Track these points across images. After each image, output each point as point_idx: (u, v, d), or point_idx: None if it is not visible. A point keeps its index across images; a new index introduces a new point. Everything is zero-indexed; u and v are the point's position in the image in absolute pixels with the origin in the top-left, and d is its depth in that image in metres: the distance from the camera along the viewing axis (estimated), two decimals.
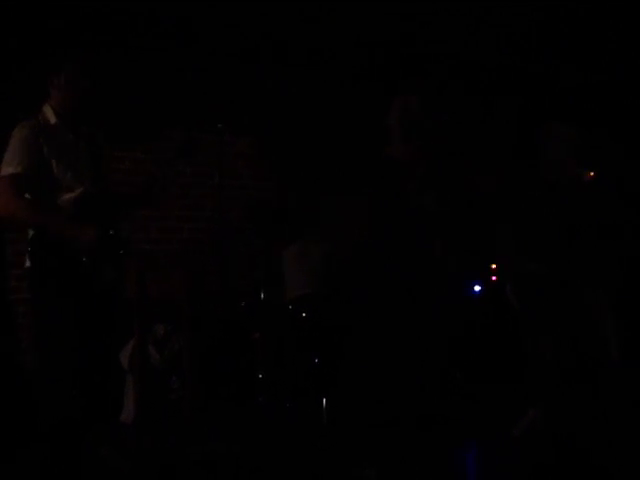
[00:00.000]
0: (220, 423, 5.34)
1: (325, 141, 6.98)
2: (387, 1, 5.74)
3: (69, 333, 3.59)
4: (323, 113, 7.02)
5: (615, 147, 6.67)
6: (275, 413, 5.50)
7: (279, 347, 5.84)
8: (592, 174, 4.62)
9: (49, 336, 3.63)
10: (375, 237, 4.70)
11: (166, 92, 6.20)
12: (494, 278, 6.08)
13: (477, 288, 4.24)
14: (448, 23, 6.16)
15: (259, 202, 6.63)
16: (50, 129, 3.76)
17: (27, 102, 3.96)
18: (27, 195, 3.67)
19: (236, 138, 6.65)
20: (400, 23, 6.12)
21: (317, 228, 6.42)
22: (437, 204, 4.42)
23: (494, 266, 6.10)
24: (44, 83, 3.82)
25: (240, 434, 5.09)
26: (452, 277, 4.98)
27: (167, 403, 5.54)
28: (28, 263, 3.68)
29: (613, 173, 4.99)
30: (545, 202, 4.75)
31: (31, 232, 3.66)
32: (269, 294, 6.09)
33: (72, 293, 3.60)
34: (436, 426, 4.67)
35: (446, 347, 4.66)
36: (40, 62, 3.88)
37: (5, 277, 5.92)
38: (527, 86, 7.58)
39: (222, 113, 5.94)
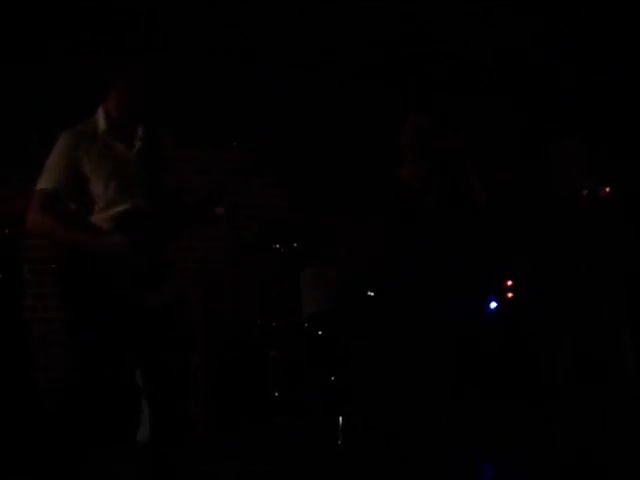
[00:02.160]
0: (236, 442, 5.33)
1: (339, 161, 6.99)
2: (387, 1, 5.72)
3: (93, 352, 3.43)
4: (337, 133, 7.04)
5: (628, 160, 6.64)
6: (291, 432, 5.49)
7: (295, 366, 5.83)
8: (607, 189, 4.59)
9: (73, 354, 3.49)
10: (389, 257, 4.70)
11: (178, 108, 6.23)
12: (510, 295, 6.07)
13: (493, 305, 4.22)
14: (448, 23, 6.13)
15: (274, 221, 6.63)
16: (96, 138, 3.54)
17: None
18: (60, 210, 3.46)
19: (250, 156, 6.67)
20: (400, 23, 6.08)
21: (333, 247, 6.42)
22: (451, 223, 4.42)
23: (510, 283, 6.08)
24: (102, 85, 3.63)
25: (256, 454, 5.08)
26: (468, 295, 4.97)
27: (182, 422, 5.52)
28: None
29: (629, 188, 4.96)
30: (560, 218, 4.73)
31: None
32: (285, 312, 6.09)
33: (98, 311, 3.39)
34: (449, 441, 4.65)
35: (457, 365, 4.64)
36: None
37: (21, 296, 5.94)
38: (528, 86, 7.56)
39: (237, 130, 5.96)
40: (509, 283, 6.07)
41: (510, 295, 6.04)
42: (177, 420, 3.57)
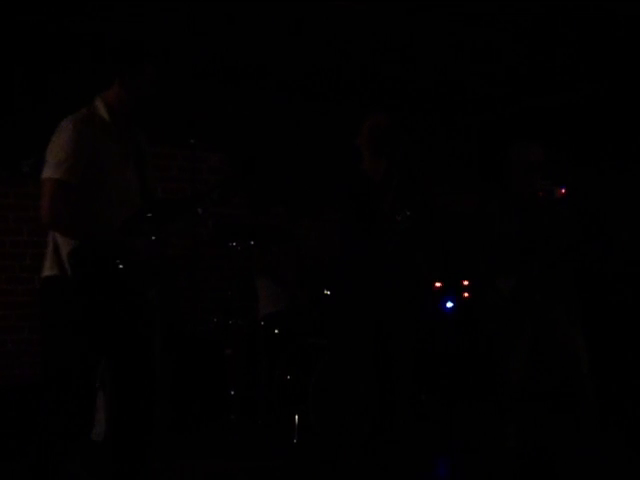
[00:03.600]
0: (192, 440, 5.31)
1: (297, 158, 7.01)
2: (355, 28, 5.80)
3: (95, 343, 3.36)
4: (295, 131, 7.06)
5: (583, 165, 6.77)
6: (247, 430, 5.49)
7: (251, 364, 5.83)
8: (563, 191, 4.67)
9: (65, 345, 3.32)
10: (347, 254, 4.72)
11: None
12: (466, 295, 6.12)
13: (449, 305, 4.25)
14: (414, 51, 6.26)
15: (231, 219, 6.62)
16: (105, 128, 3.40)
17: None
18: (76, 203, 3.28)
19: (208, 154, 6.66)
20: (368, 47, 6.18)
21: (290, 246, 6.43)
22: (410, 220, 4.45)
23: (466, 283, 6.13)
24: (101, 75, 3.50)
25: (212, 451, 5.07)
26: (424, 293, 5.02)
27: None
28: (54, 272, 3.32)
29: (582, 190, 5.05)
30: (512, 219, 4.80)
31: (65, 243, 3.31)
32: (241, 311, 6.09)
33: (106, 303, 3.27)
34: (405, 442, 4.68)
35: (412, 363, 4.67)
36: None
37: None
38: (487, 107, 7.73)
39: (194, 129, 5.93)
40: (465, 283, 6.12)
41: (467, 295, 6.10)
42: (144, 419, 3.51)
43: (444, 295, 4.40)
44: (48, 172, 3.28)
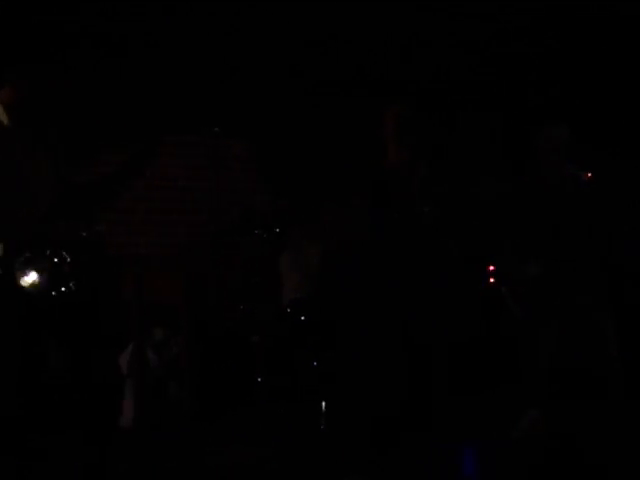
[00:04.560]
0: (219, 427, 5.34)
1: (321, 145, 7.00)
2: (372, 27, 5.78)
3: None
4: (319, 119, 7.05)
5: (611, 149, 6.70)
6: (274, 417, 5.50)
7: (278, 351, 5.84)
8: (589, 175, 4.63)
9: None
10: (371, 241, 4.72)
11: (162, 95, 6.20)
12: (492, 280, 6.09)
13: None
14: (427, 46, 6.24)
15: (255, 206, 6.63)
16: (2, 131, 3.34)
17: None
18: None
19: (232, 142, 6.66)
20: (385, 44, 6.17)
21: (315, 231, 6.42)
22: (437, 209, 4.45)
23: (492, 268, 6.11)
24: None
25: (239, 438, 5.09)
26: (453, 279, 4.99)
27: (166, 407, 5.53)
28: None
29: (610, 175, 5.01)
30: (540, 203, 4.77)
31: None
32: (267, 297, 6.10)
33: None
34: (433, 429, 4.67)
35: (443, 348, 4.67)
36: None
37: None
38: (507, 102, 7.69)
39: (218, 116, 5.94)
40: (491, 268, 6.10)
41: (492, 280, 6.07)
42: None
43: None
44: None
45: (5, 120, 3.38)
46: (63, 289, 3.29)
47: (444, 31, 5.93)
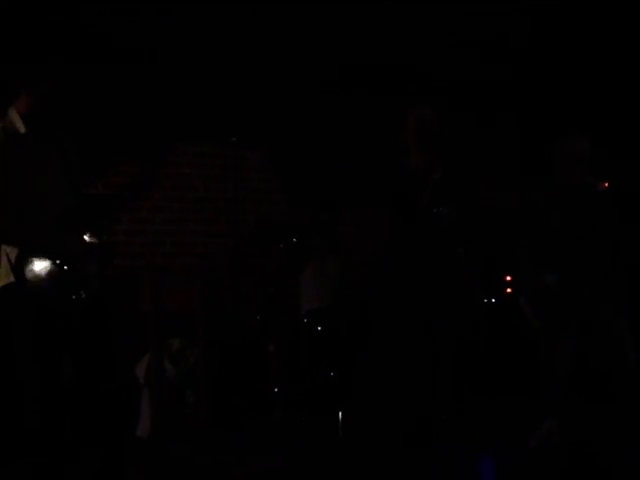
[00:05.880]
0: (235, 437, 5.34)
1: (339, 154, 7.00)
2: (390, 22, 5.77)
3: (48, 350, 3.37)
4: (336, 128, 7.05)
5: (630, 159, 6.67)
6: (291, 427, 5.50)
7: (294, 361, 5.84)
8: (606, 184, 4.62)
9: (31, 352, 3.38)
10: (391, 250, 4.72)
11: (178, 105, 6.22)
12: (509, 290, 6.08)
13: None
14: (447, 43, 6.22)
15: (273, 217, 6.65)
16: (19, 140, 3.41)
17: None
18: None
19: (250, 152, 6.68)
20: (405, 42, 6.16)
21: (334, 242, 6.43)
22: (455, 214, 4.45)
23: (509, 278, 6.09)
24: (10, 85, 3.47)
25: (255, 448, 5.08)
26: (468, 288, 4.98)
27: (182, 417, 5.53)
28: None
29: (627, 184, 4.98)
30: (558, 214, 4.76)
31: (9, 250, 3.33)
32: (284, 308, 6.10)
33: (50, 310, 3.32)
34: (450, 439, 4.66)
35: (457, 360, 4.66)
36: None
37: None
38: (526, 101, 7.65)
39: (235, 127, 5.95)
40: (508, 278, 6.08)
41: (509, 290, 6.06)
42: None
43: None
44: None
45: (22, 128, 3.44)
46: (74, 297, 3.33)
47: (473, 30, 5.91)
